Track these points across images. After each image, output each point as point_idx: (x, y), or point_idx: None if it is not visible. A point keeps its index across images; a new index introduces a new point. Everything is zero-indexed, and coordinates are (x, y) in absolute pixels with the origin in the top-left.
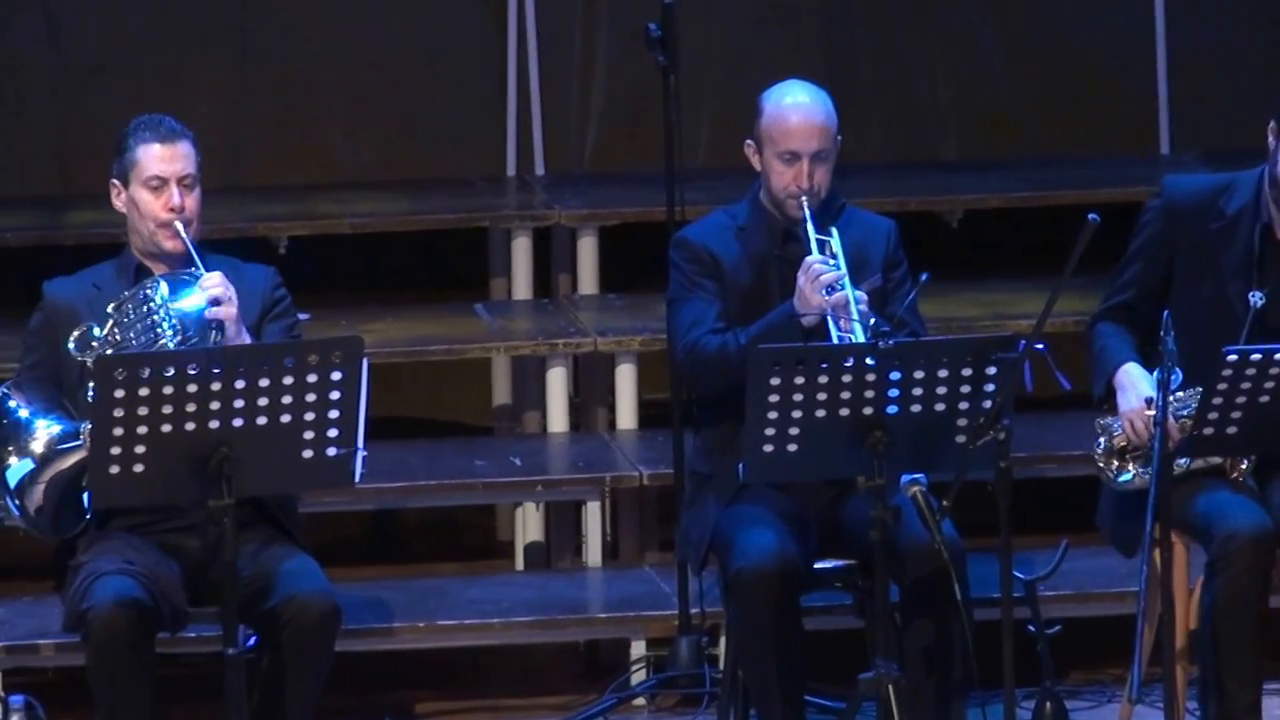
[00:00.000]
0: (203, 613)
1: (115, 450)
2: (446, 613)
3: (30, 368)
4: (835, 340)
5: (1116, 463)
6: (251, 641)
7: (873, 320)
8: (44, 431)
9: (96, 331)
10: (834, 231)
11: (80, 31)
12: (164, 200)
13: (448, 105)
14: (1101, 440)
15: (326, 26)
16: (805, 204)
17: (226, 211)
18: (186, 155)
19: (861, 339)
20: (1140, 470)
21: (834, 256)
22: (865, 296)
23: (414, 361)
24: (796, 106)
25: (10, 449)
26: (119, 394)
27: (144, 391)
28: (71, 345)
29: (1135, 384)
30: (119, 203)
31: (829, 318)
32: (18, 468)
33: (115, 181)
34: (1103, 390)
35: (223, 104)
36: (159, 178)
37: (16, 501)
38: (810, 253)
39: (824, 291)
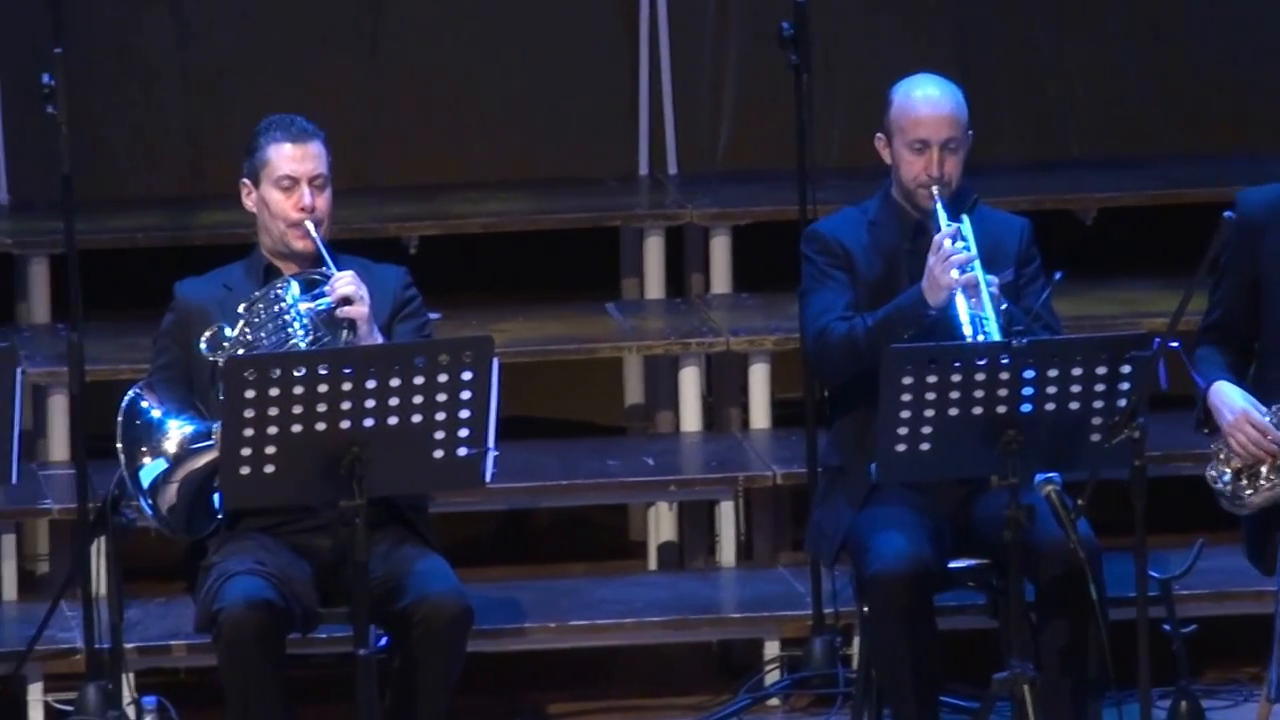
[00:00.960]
0: (333, 613)
1: (246, 451)
2: (579, 613)
3: (161, 368)
4: (966, 320)
5: (1241, 482)
6: (383, 642)
7: (1004, 305)
8: (177, 432)
9: (228, 332)
10: (965, 218)
11: (210, 32)
12: (295, 200)
13: (580, 104)
14: (1221, 472)
15: (457, 25)
16: (936, 193)
17: (357, 211)
18: (318, 155)
19: (992, 318)
20: (1266, 480)
21: (965, 241)
22: (996, 280)
23: (545, 361)
24: (926, 97)
25: (143, 449)
26: (249, 394)
27: (274, 392)
28: (203, 346)
29: (1227, 400)
30: (249, 202)
31: (961, 296)
32: (151, 468)
33: (246, 181)
34: (1201, 415)
35: (353, 103)
36: (290, 177)
37: (150, 501)
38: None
39: (954, 271)
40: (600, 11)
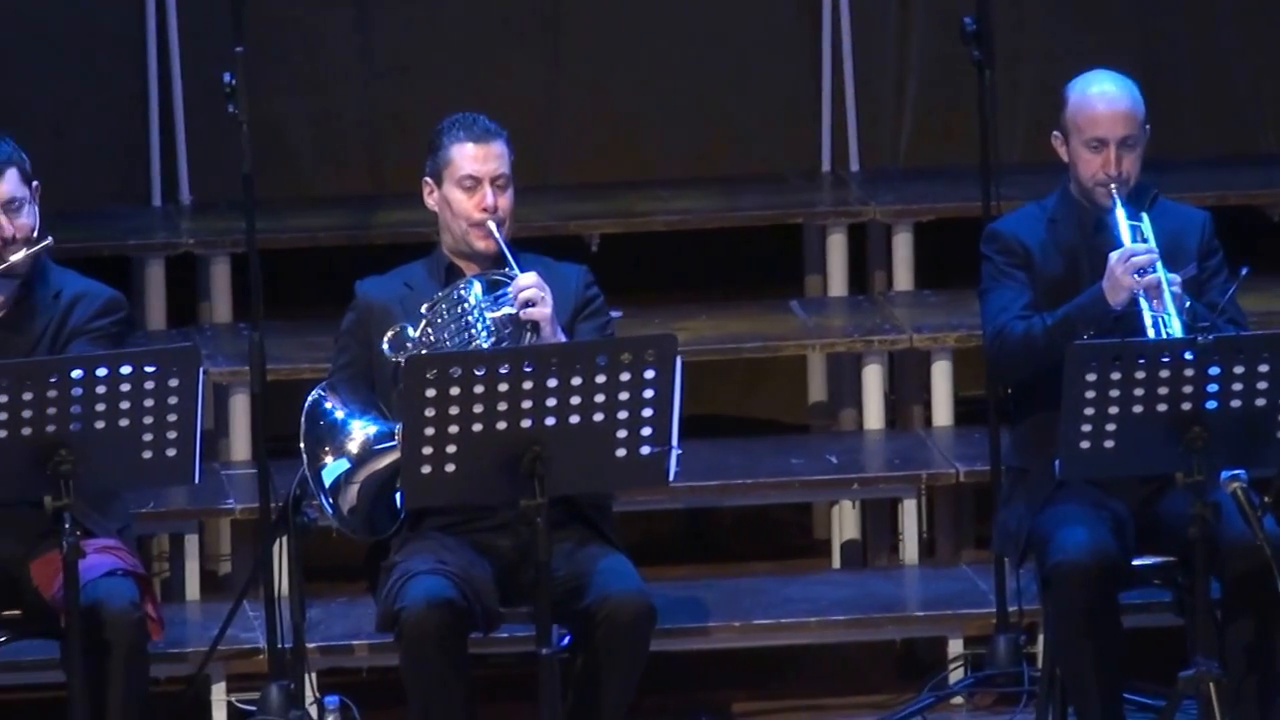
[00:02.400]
0: (515, 613)
1: (427, 450)
2: (762, 612)
3: (343, 368)
4: (1149, 322)
5: None
6: (565, 641)
7: (1187, 303)
8: (360, 432)
9: (410, 332)
10: (1144, 216)
11: (391, 31)
12: (477, 200)
13: (762, 101)
14: None
15: (639, 23)
16: (1115, 191)
17: (538, 210)
18: (500, 155)
19: (1175, 318)
20: None
21: (1146, 240)
22: (1178, 279)
23: (728, 359)
24: (1103, 94)
25: (326, 449)
26: (430, 394)
27: (455, 391)
28: (385, 345)
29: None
30: (431, 201)
31: (1142, 299)
32: (333, 468)
33: (428, 180)
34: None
35: (534, 102)
36: (472, 177)
37: (331, 501)
38: (1120, 238)
39: (1136, 274)
40: (783, 8)
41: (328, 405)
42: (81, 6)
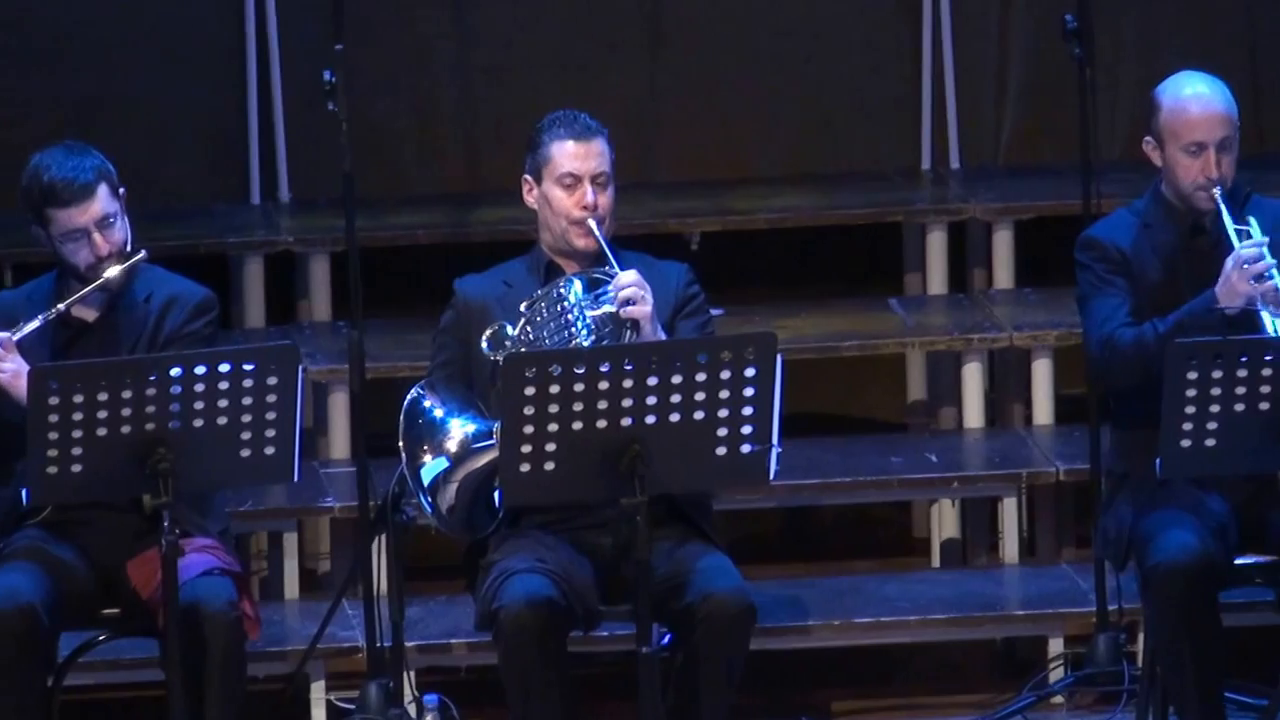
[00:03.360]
0: (615, 611)
1: (526, 449)
2: (862, 611)
3: (441, 366)
4: (1270, 329)
5: None
6: (665, 640)
7: None
8: (458, 431)
9: (510, 330)
10: (1252, 220)
11: (491, 28)
12: (577, 197)
13: (862, 98)
14: None
15: (738, 20)
16: (1218, 194)
17: (638, 207)
18: (600, 153)
19: None
20: None
21: (1259, 245)
22: None
23: (828, 357)
24: (1197, 97)
25: (425, 448)
26: (529, 392)
27: (555, 389)
28: (484, 344)
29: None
30: (530, 199)
31: (1259, 307)
32: (432, 466)
33: (527, 178)
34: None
35: (635, 100)
36: (573, 175)
37: (430, 500)
38: (1226, 240)
39: (1253, 280)
40: (884, 6)
41: (426, 404)
42: (181, 5)
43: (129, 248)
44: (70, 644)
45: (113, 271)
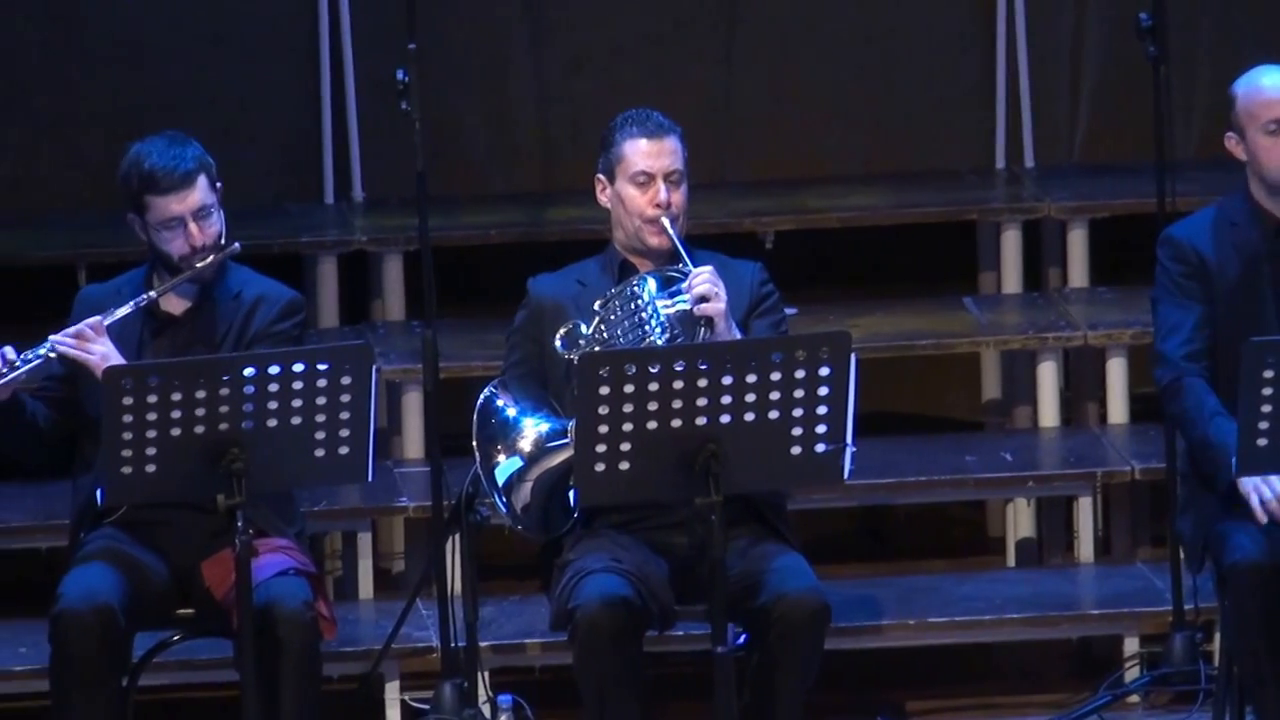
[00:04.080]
0: (690, 611)
1: (601, 448)
2: (937, 610)
3: (515, 365)
4: None
5: None
6: (741, 640)
7: None
8: (532, 430)
9: (583, 329)
10: None
11: (564, 27)
12: (650, 196)
13: (936, 97)
14: None
15: (811, 20)
16: None
17: (713, 206)
18: (674, 151)
19: None
20: None
21: None
22: None
23: (903, 356)
24: (1272, 79)
25: (499, 447)
26: (604, 391)
27: (629, 389)
28: (558, 343)
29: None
30: (604, 198)
31: None
32: (506, 466)
33: (600, 177)
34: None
35: (709, 99)
36: (645, 173)
37: (504, 499)
38: None
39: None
40: (959, 4)
41: (500, 403)
42: (256, 5)
43: (223, 241)
44: (145, 644)
45: (205, 262)
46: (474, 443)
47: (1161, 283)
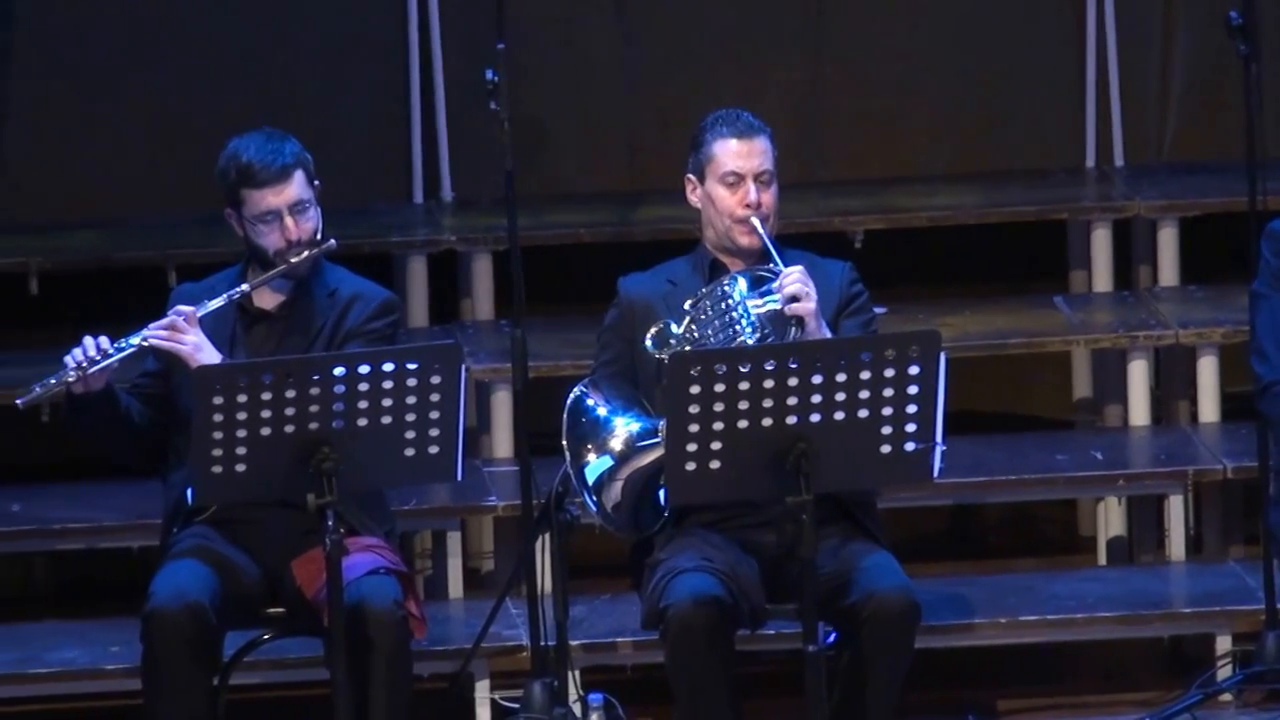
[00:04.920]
0: (781, 609)
1: (691, 447)
2: (1028, 608)
3: (605, 364)
4: None
5: None
6: (831, 638)
7: None
8: (623, 429)
9: (674, 328)
10: None
11: (652, 26)
12: (740, 196)
13: (1026, 96)
14: None
15: (901, 18)
16: None
17: (802, 205)
18: (764, 151)
19: None
20: None
21: None
22: None
23: (993, 355)
24: None
25: (589, 447)
26: (695, 390)
27: (720, 388)
28: (649, 342)
29: None
30: (694, 198)
31: None
32: (596, 465)
33: (690, 177)
34: None
35: (798, 99)
36: (735, 173)
37: (594, 498)
38: None
39: None
40: (1048, 3)
41: (590, 402)
42: (344, 6)
43: (318, 237)
44: (235, 643)
45: (300, 257)
46: (564, 442)
47: (1263, 275)
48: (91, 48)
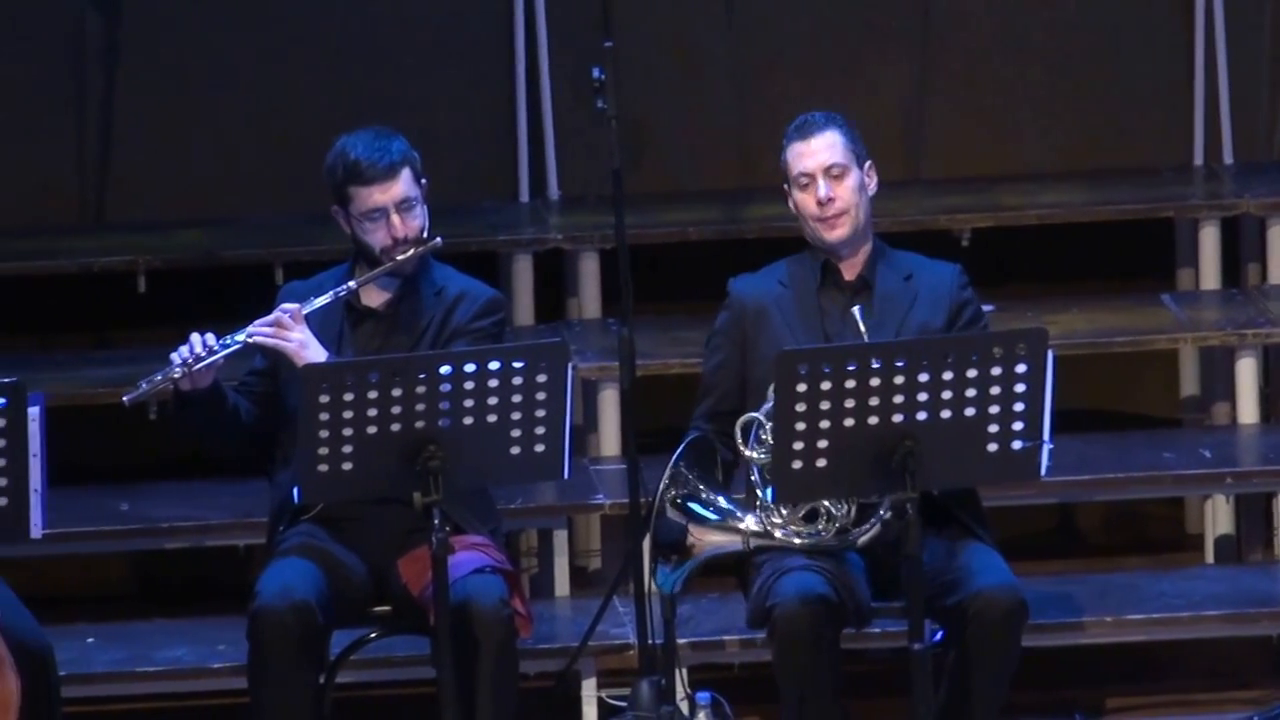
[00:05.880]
0: (887, 608)
1: (798, 445)
2: (1135, 607)
3: (714, 369)
4: None
5: None
6: (937, 637)
7: None
8: (705, 538)
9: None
10: None
11: (759, 24)
12: (814, 195)
13: (1133, 94)
14: None
15: (1008, 15)
16: None
17: (909, 204)
18: (830, 145)
19: None
20: None
21: None
22: None
23: (1100, 353)
24: None
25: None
26: (801, 388)
27: (826, 386)
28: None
29: None
30: (791, 204)
31: None
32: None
33: (785, 185)
34: None
35: (904, 97)
36: (805, 174)
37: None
38: None
39: None
40: (1156, 1)
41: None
42: (451, 5)
43: (425, 235)
44: (342, 641)
45: (405, 255)
46: (652, 533)
47: None
48: (199, 46)
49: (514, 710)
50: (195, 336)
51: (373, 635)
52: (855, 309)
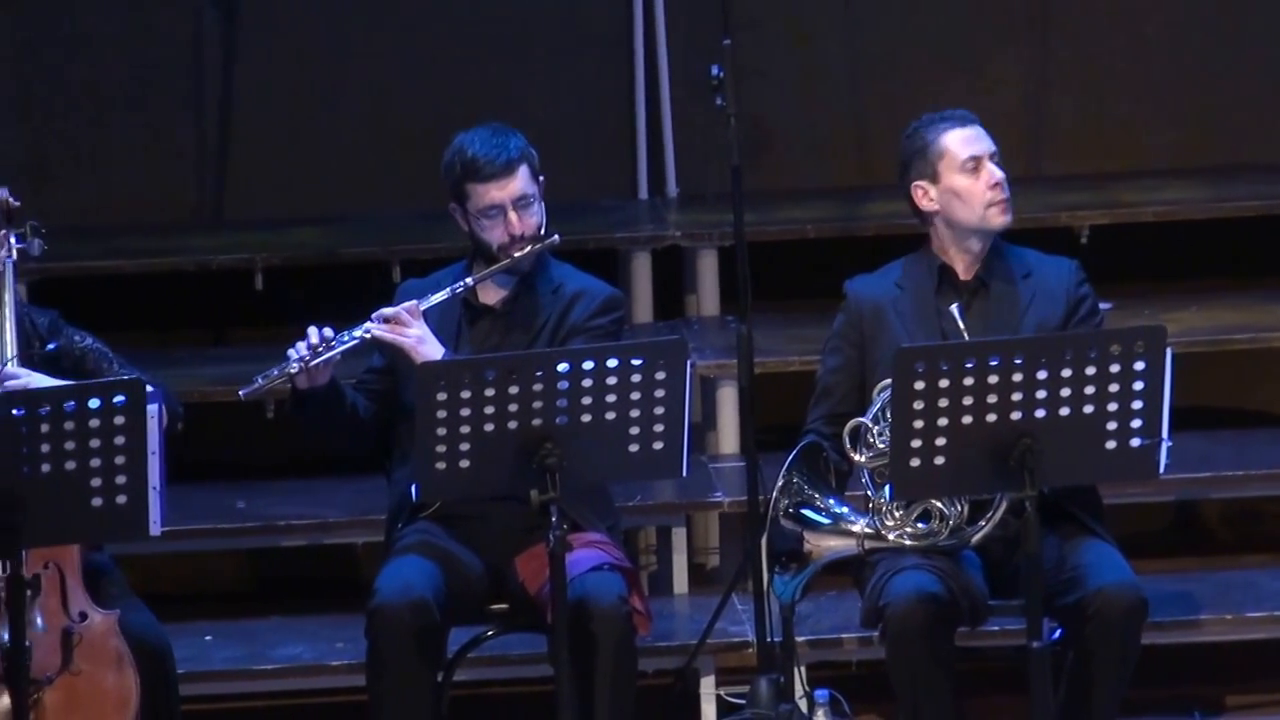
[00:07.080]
0: (1004, 606)
1: (916, 443)
2: (1254, 605)
3: (832, 371)
4: None
5: None
6: (1056, 635)
7: None
8: (820, 543)
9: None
10: None
11: (878, 20)
12: (985, 177)
13: (1253, 90)
14: None
15: (1127, 11)
16: None
17: (1028, 201)
18: (986, 134)
19: None
20: None
21: None
22: None
23: (1219, 350)
24: None
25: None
26: (919, 386)
27: (944, 383)
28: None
29: None
30: (927, 203)
31: None
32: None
33: (920, 183)
34: None
35: (1023, 94)
36: (974, 157)
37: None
38: None
39: None
40: None
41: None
42: (570, 2)
43: (542, 233)
44: (459, 639)
45: (523, 252)
46: (766, 537)
47: None
48: (316, 45)
49: (632, 708)
50: (313, 330)
51: (490, 633)
52: (953, 306)
